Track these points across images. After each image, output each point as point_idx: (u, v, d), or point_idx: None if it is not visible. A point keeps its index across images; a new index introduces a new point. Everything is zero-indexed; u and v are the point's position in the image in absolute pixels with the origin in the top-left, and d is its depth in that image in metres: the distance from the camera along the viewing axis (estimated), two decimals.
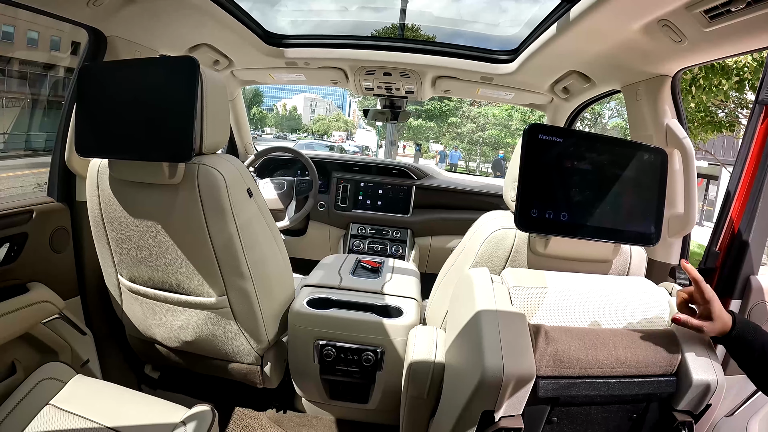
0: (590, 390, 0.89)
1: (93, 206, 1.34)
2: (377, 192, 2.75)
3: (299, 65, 2.23)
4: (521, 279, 1.00)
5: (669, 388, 0.94)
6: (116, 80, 1.16)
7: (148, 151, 1.14)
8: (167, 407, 1.18)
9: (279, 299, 1.47)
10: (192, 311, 1.38)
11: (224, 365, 1.51)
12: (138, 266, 1.37)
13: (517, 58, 1.93)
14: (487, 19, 6.38)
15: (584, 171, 1.05)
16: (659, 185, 1.10)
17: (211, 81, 1.16)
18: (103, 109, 1.18)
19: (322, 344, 1.45)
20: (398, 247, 2.67)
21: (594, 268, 1.15)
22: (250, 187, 1.31)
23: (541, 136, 1.02)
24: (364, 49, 2.09)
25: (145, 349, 1.60)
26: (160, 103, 1.12)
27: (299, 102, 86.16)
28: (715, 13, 1.06)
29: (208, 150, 1.23)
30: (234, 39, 1.90)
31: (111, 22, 1.47)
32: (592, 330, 0.92)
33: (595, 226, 1.06)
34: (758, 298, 1.44)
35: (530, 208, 1.02)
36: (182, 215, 1.22)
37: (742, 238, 1.43)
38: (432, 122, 25.00)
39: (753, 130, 1.43)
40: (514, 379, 0.82)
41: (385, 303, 1.51)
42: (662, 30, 1.22)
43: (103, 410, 1.14)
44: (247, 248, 1.27)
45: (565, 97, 2.16)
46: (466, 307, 0.99)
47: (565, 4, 1.35)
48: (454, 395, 0.98)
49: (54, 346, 1.43)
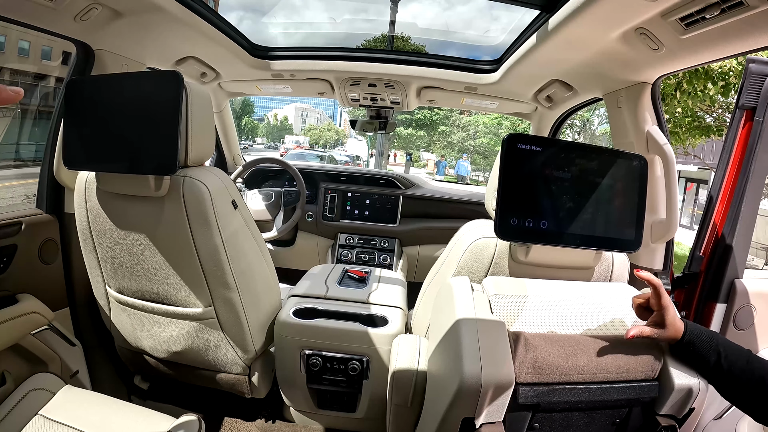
0: (571, 396, 0.90)
1: (81, 218, 1.34)
2: (365, 202, 2.76)
3: (285, 77, 2.25)
4: (501, 287, 1.01)
5: (651, 392, 0.95)
6: (103, 94, 1.17)
7: (134, 164, 1.14)
8: (155, 417, 1.19)
9: (265, 309, 1.48)
10: (179, 322, 1.38)
11: (212, 375, 1.51)
12: (125, 277, 1.38)
13: (500, 68, 1.95)
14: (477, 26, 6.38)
15: (564, 179, 1.06)
16: (639, 192, 1.11)
17: (195, 94, 1.17)
18: (90, 122, 1.19)
19: (309, 354, 1.45)
20: (386, 257, 2.68)
21: (576, 275, 1.17)
22: (235, 199, 1.32)
23: (519, 146, 1.03)
24: (349, 61, 2.11)
25: (135, 360, 1.60)
26: (145, 116, 1.13)
27: (290, 112, 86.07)
28: (691, 20, 1.08)
29: (194, 162, 1.24)
30: (220, 52, 1.91)
31: (99, 36, 1.48)
32: (572, 336, 0.93)
33: (576, 234, 1.07)
34: (743, 301, 1.46)
35: (510, 216, 1.04)
36: (168, 227, 1.23)
37: (725, 242, 1.45)
38: (422, 131, 25.04)
39: (734, 135, 1.46)
40: (492, 385, 0.82)
41: (371, 312, 1.52)
42: (640, 38, 1.24)
43: (91, 421, 1.14)
44: (233, 259, 1.28)
45: (549, 105, 2.19)
46: (446, 316, 0.99)
47: (544, 15, 1.37)
48: (435, 403, 0.99)
49: (43, 357, 1.42)
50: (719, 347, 0.88)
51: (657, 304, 0.93)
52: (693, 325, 0.93)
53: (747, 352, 0.87)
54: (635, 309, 0.97)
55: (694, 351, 0.90)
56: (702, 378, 0.92)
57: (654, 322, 0.93)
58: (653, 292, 0.93)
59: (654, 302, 0.93)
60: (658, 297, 0.93)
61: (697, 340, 0.90)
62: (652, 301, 0.94)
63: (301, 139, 42.93)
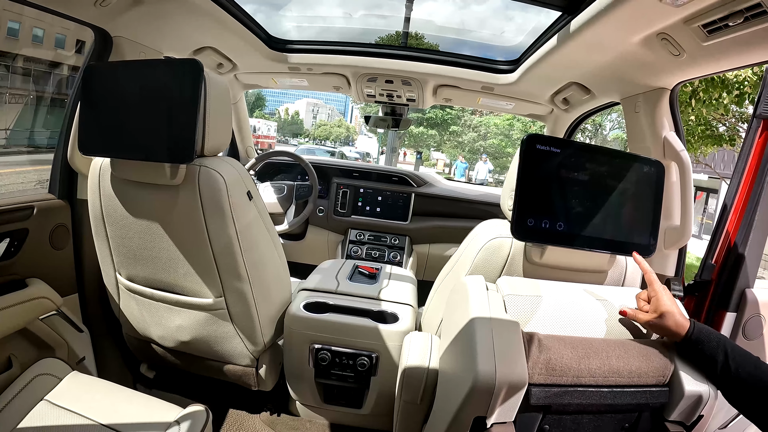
0: (582, 399, 0.90)
1: (94, 204, 1.34)
2: (376, 198, 2.75)
3: (302, 71, 2.25)
4: (516, 287, 1.01)
5: (661, 398, 0.94)
6: (121, 80, 1.17)
7: (151, 152, 1.14)
8: (162, 406, 1.19)
9: (276, 302, 1.48)
10: (189, 312, 1.38)
11: (219, 366, 1.52)
12: (136, 265, 1.38)
13: (518, 69, 1.95)
14: (493, 26, 6.41)
15: (581, 182, 1.06)
16: (655, 197, 1.11)
17: (214, 84, 1.17)
18: (107, 108, 1.19)
19: (318, 348, 1.45)
20: (396, 254, 2.68)
21: (589, 278, 1.16)
22: (250, 190, 1.32)
23: (538, 146, 1.03)
24: (366, 56, 2.10)
25: (142, 348, 1.60)
26: (163, 104, 1.12)
27: (302, 107, 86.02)
28: (713, 27, 1.07)
29: (210, 152, 1.24)
30: (238, 43, 1.91)
31: (117, 22, 1.48)
32: (585, 339, 0.93)
33: (591, 237, 1.06)
34: (753, 311, 1.45)
35: (527, 217, 1.03)
36: (182, 216, 1.23)
37: (738, 251, 1.44)
38: (433, 130, 24.96)
39: (750, 144, 1.44)
40: (506, 385, 0.82)
41: (381, 309, 1.52)
42: (661, 43, 1.23)
43: (97, 407, 1.14)
44: (246, 250, 1.28)
45: (565, 108, 2.18)
46: (460, 314, 0.99)
47: (566, 16, 1.36)
48: (446, 401, 0.99)
49: (51, 343, 1.43)
50: (727, 348, 0.88)
51: (650, 291, 0.96)
52: (700, 324, 0.93)
53: (755, 358, 0.87)
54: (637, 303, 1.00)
55: (702, 350, 0.90)
56: (710, 383, 0.91)
57: (650, 309, 0.96)
58: (646, 279, 0.96)
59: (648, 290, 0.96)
60: (650, 283, 0.96)
61: (705, 338, 0.90)
62: (648, 291, 0.97)
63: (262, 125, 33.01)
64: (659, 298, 0.95)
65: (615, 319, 0.99)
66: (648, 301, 0.98)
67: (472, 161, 21.25)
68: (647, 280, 1.00)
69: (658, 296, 0.95)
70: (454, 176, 17.70)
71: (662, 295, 0.95)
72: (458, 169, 18.35)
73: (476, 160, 20.33)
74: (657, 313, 0.94)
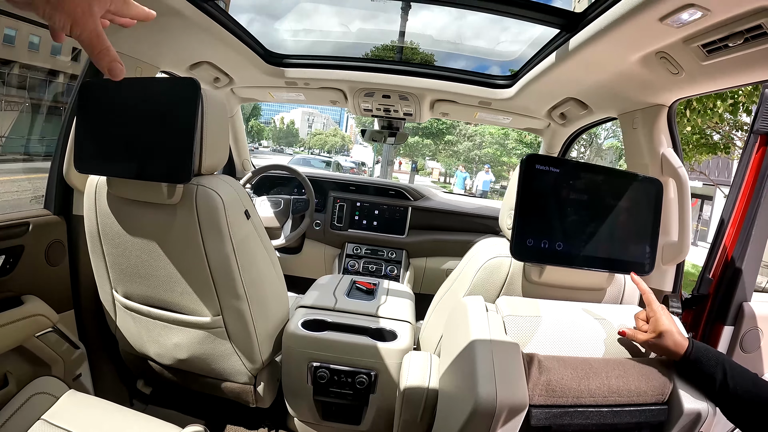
0: (582, 419, 0.89)
1: (90, 222, 1.34)
2: (373, 212, 2.75)
3: (299, 85, 2.25)
4: (515, 308, 1.00)
5: (660, 416, 0.94)
6: (117, 98, 1.16)
7: (147, 171, 1.14)
8: (160, 426, 1.17)
9: (274, 319, 1.47)
10: (186, 330, 1.38)
11: (217, 384, 1.50)
12: (133, 283, 1.37)
13: (515, 84, 1.95)
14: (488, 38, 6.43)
15: (580, 201, 1.06)
16: (654, 215, 1.11)
17: (212, 101, 1.17)
18: (103, 126, 1.18)
19: (316, 366, 1.44)
20: (393, 268, 2.67)
21: (588, 296, 1.16)
22: (248, 209, 1.31)
23: (538, 166, 1.03)
24: (364, 71, 2.10)
25: (138, 365, 1.59)
26: (160, 123, 1.12)
27: (297, 116, 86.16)
28: (713, 47, 1.07)
29: (207, 170, 1.23)
30: (235, 58, 1.91)
31: (114, 37, 1.46)
32: (584, 359, 0.93)
33: (591, 256, 1.06)
34: (750, 324, 1.45)
35: (526, 237, 1.03)
36: (179, 235, 1.22)
37: (735, 265, 1.45)
38: (428, 139, 25.10)
39: (748, 159, 1.45)
40: (507, 407, 0.82)
41: (380, 326, 1.51)
42: (660, 62, 1.24)
43: (95, 427, 1.13)
44: (243, 269, 1.27)
45: (563, 122, 2.18)
46: (460, 335, 0.99)
47: (564, 34, 1.37)
48: (447, 422, 0.98)
49: (47, 360, 1.41)
50: (725, 366, 0.88)
51: (649, 311, 0.96)
52: (699, 343, 0.93)
53: (753, 375, 0.87)
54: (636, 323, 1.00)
55: (701, 369, 0.90)
56: (709, 401, 0.91)
57: (648, 329, 0.96)
58: (644, 299, 0.97)
59: (647, 312, 0.97)
60: (648, 303, 0.96)
61: (704, 357, 0.90)
62: (647, 312, 0.97)
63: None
64: (658, 319, 0.95)
65: (614, 339, 0.99)
66: (647, 320, 0.98)
67: (471, 171, 21.14)
68: (646, 300, 1.00)
69: (656, 316, 0.95)
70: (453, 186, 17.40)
71: (661, 315, 0.95)
72: (458, 179, 18.16)
73: (474, 171, 20.25)
74: (655, 333, 0.94)
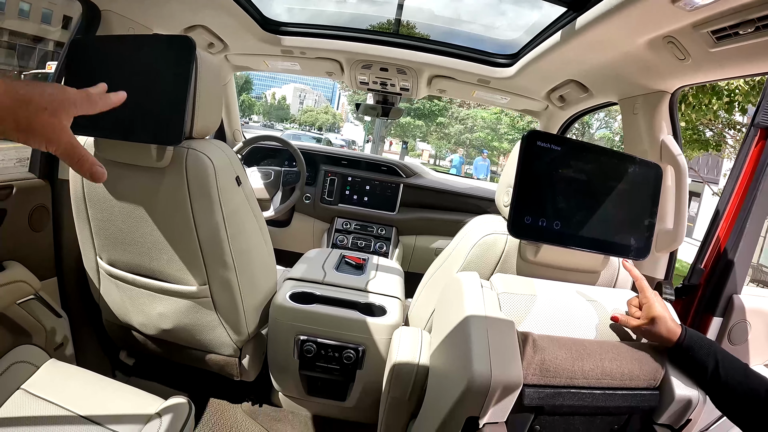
0: (575, 400, 0.89)
1: (75, 185, 1.29)
2: (364, 188, 2.73)
3: (295, 54, 2.19)
4: (510, 285, 0.99)
5: (651, 401, 0.94)
6: (108, 56, 1.11)
7: (137, 132, 1.09)
8: (143, 397, 1.15)
9: (261, 291, 1.44)
10: (172, 299, 1.35)
11: (202, 356, 1.48)
12: (118, 250, 1.33)
13: (516, 63, 1.92)
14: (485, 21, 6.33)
15: (579, 181, 1.04)
16: (652, 200, 1.10)
17: (206, 64, 1.13)
18: (92, 85, 1.13)
19: (303, 339, 1.42)
20: (382, 245, 2.66)
21: (582, 278, 1.15)
22: (239, 175, 1.28)
23: (539, 143, 1.01)
24: (362, 43, 2.06)
25: (122, 335, 1.56)
26: (152, 82, 1.07)
27: (289, 92, 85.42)
28: (723, 34, 1.05)
29: (198, 134, 1.19)
30: (231, 23, 1.85)
31: None
32: (579, 340, 0.92)
33: (587, 237, 1.05)
34: (739, 317, 1.46)
35: (524, 215, 1.01)
36: (167, 200, 1.19)
37: (727, 257, 1.45)
38: (420, 121, 25.01)
39: (746, 152, 1.44)
40: (501, 386, 0.81)
41: (369, 301, 1.49)
42: (667, 46, 1.22)
43: (76, 397, 1.10)
44: (233, 238, 1.24)
45: (561, 105, 2.16)
46: (454, 311, 0.97)
47: (571, 13, 1.34)
48: (438, 400, 0.97)
49: (28, 328, 1.38)
50: (717, 355, 0.88)
51: (642, 297, 0.96)
52: (692, 331, 0.93)
53: (744, 365, 0.87)
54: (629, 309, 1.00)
55: (693, 357, 0.90)
56: (700, 388, 0.92)
57: (641, 315, 0.95)
58: (637, 285, 0.97)
59: (640, 298, 0.97)
60: (641, 289, 0.96)
61: (697, 345, 0.90)
62: (639, 298, 0.97)
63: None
64: (651, 305, 0.94)
65: (607, 322, 0.99)
66: (639, 307, 0.97)
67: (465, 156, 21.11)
68: (638, 287, 0.99)
69: (649, 302, 0.95)
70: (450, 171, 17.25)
71: (654, 301, 0.95)
72: (455, 163, 17.52)
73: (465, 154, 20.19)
74: (648, 319, 0.93)
